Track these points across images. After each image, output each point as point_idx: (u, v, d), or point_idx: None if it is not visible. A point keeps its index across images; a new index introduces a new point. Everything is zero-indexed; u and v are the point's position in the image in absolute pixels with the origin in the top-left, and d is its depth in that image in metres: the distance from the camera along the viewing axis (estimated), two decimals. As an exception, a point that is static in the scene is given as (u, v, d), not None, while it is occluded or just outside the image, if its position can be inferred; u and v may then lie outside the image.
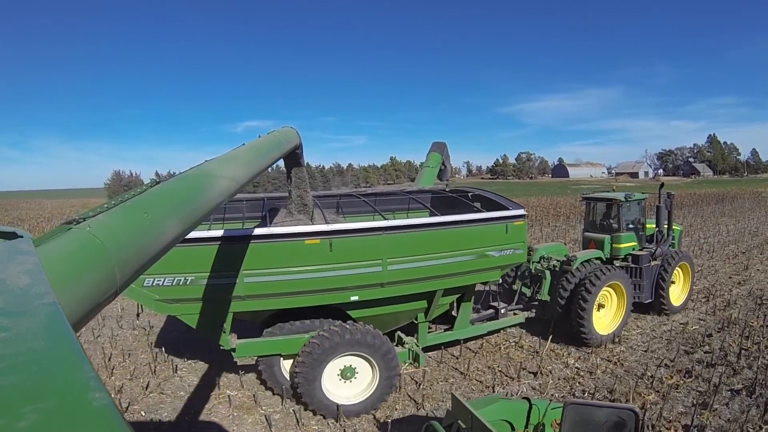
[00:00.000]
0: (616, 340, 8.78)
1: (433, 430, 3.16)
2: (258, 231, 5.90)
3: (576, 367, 7.90)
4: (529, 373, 7.74)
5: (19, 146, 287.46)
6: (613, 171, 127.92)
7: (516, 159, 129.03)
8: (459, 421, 3.11)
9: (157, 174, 75.35)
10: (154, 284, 5.57)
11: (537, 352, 8.38)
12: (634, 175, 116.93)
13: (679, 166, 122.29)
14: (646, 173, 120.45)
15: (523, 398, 3.64)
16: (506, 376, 7.63)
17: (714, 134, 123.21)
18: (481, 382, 7.50)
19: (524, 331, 9.35)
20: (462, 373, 7.71)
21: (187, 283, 5.66)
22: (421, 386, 7.27)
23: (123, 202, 1.87)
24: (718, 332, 9.31)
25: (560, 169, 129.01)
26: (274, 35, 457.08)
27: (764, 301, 11.26)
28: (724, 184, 74.63)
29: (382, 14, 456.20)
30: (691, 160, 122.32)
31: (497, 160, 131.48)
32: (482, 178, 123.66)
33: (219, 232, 5.82)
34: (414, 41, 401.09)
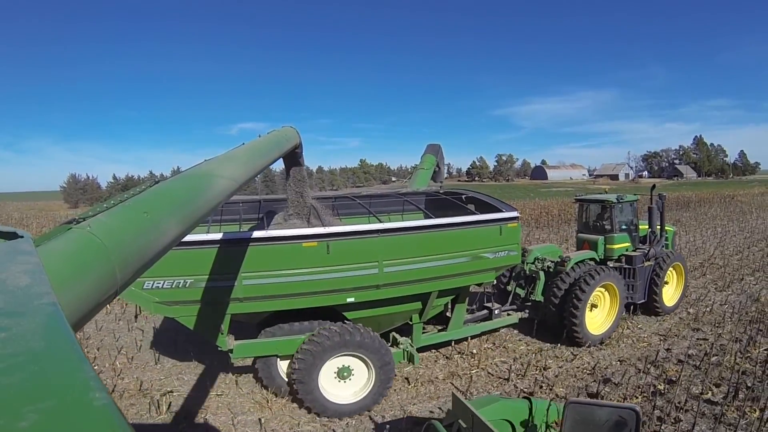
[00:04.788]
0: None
1: (434, 429, 3.15)
2: (256, 234, 5.93)
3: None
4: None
5: (11, 147, 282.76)
6: (593, 173, 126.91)
7: (496, 161, 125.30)
8: (460, 421, 3.10)
9: (114, 177, 75.38)
10: (153, 287, 5.58)
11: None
12: (614, 177, 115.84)
13: (664, 168, 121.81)
14: (627, 175, 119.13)
15: (524, 397, 3.65)
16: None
17: (700, 135, 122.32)
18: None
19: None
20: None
21: (186, 285, 5.68)
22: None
23: (122, 202, 1.85)
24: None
25: (539, 172, 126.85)
26: (269, 37, 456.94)
27: (613, 383, 7.10)
28: (705, 186, 69.28)
29: (377, 17, 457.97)
30: (676, 162, 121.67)
31: (473, 162, 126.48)
32: (459, 180, 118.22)
33: (217, 235, 5.84)
34: (408, 44, 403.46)
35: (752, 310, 10.36)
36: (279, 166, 5.98)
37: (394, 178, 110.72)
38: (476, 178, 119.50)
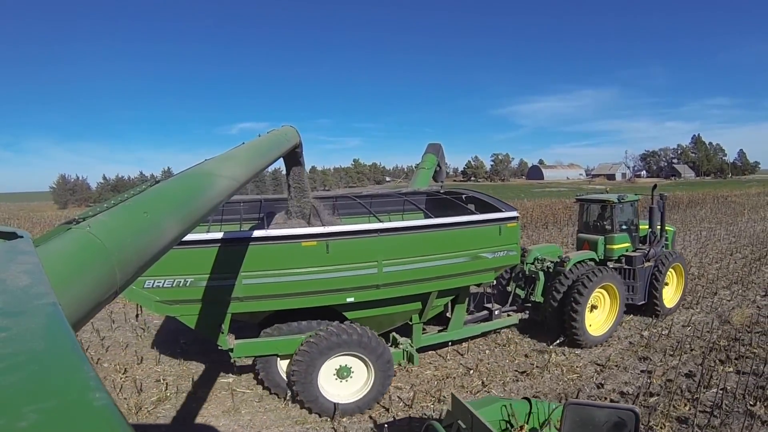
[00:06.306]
0: None
1: (433, 429, 3.15)
2: (256, 233, 5.94)
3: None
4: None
5: (10, 148, 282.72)
6: (590, 173, 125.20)
7: (492, 160, 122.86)
8: (459, 421, 3.11)
9: (104, 178, 75.81)
10: (154, 286, 5.60)
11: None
12: (611, 176, 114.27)
13: (662, 167, 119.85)
14: (624, 175, 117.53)
15: (523, 398, 3.65)
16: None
17: (699, 134, 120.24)
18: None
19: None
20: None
21: (187, 284, 5.69)
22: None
23: (122, 202, 1.85)
24: None
25: (535, 171, 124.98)
26: (269, 36, 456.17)
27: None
28: (702, 186, 66.29)
29: (376, 17, 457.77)
30: (674, 161, 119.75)
31: (468, 161, 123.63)
32: (454, 180, 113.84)
33: (218, 235, 5.85)
34: (408, 43, 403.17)
35: (719, 333, 8.85)
36: (270, 167, 5.92)
37: (388, 178, 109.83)
38: (472, 178, 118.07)
